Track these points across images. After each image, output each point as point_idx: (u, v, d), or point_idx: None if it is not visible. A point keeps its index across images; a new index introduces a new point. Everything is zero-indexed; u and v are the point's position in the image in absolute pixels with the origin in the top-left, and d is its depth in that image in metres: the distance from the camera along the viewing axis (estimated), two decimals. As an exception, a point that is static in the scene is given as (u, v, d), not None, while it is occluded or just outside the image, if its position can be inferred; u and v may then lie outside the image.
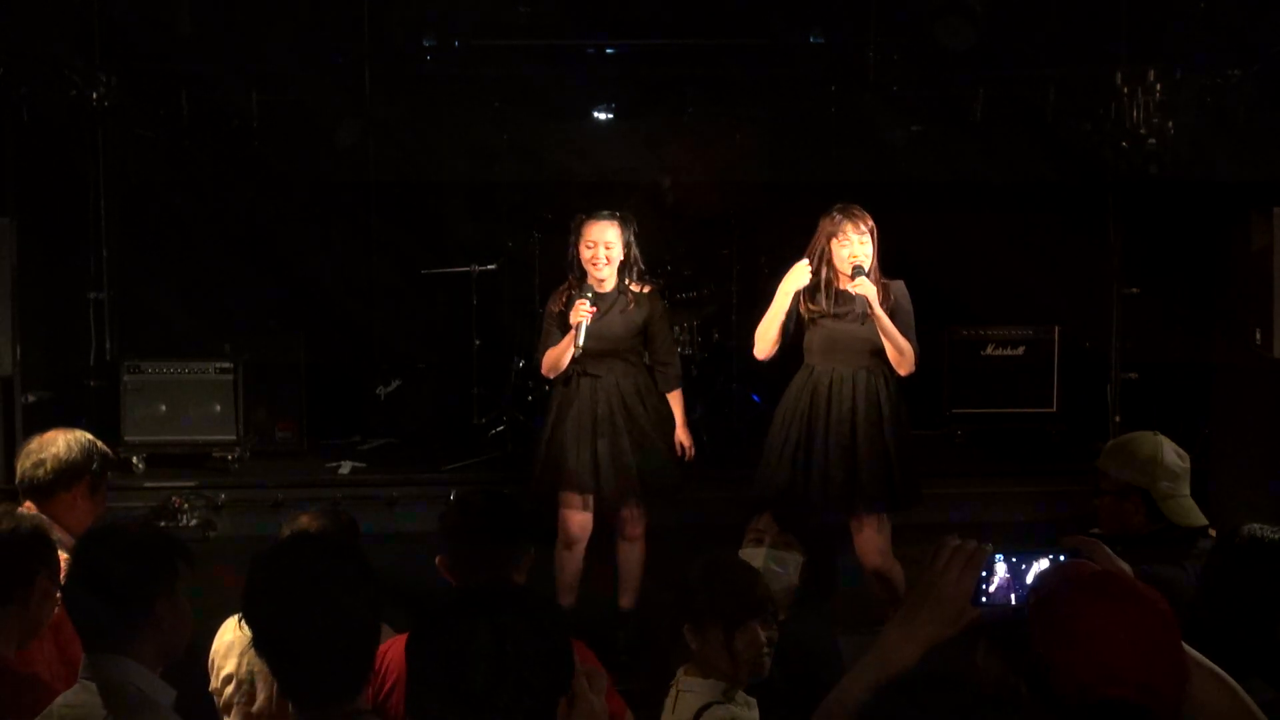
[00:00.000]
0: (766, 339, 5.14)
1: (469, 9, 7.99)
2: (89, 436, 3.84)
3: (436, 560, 3.39)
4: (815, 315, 5.10)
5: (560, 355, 5.22)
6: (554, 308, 5.36)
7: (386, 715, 3.22)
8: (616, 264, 5.27)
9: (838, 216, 5.07)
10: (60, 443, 3.76)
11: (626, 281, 5.32)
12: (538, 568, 3.52)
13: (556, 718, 1.92)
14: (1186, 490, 3.65)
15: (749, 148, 8.83)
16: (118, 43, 7.42)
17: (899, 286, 5.15)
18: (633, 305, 5.30)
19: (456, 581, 3.33)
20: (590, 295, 5.16)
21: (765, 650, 3.13)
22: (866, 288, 4.95)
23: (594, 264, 5.23)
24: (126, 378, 7.24)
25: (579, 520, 5.31)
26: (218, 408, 7.27)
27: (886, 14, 7.90)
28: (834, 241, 5.05)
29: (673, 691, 3.07)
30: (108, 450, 3.91)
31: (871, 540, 5.12)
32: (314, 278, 8.20)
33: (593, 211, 5.34)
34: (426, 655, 1.92)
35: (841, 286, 5.07)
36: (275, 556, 2.43)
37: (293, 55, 7.74)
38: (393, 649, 3.26)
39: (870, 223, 5.08)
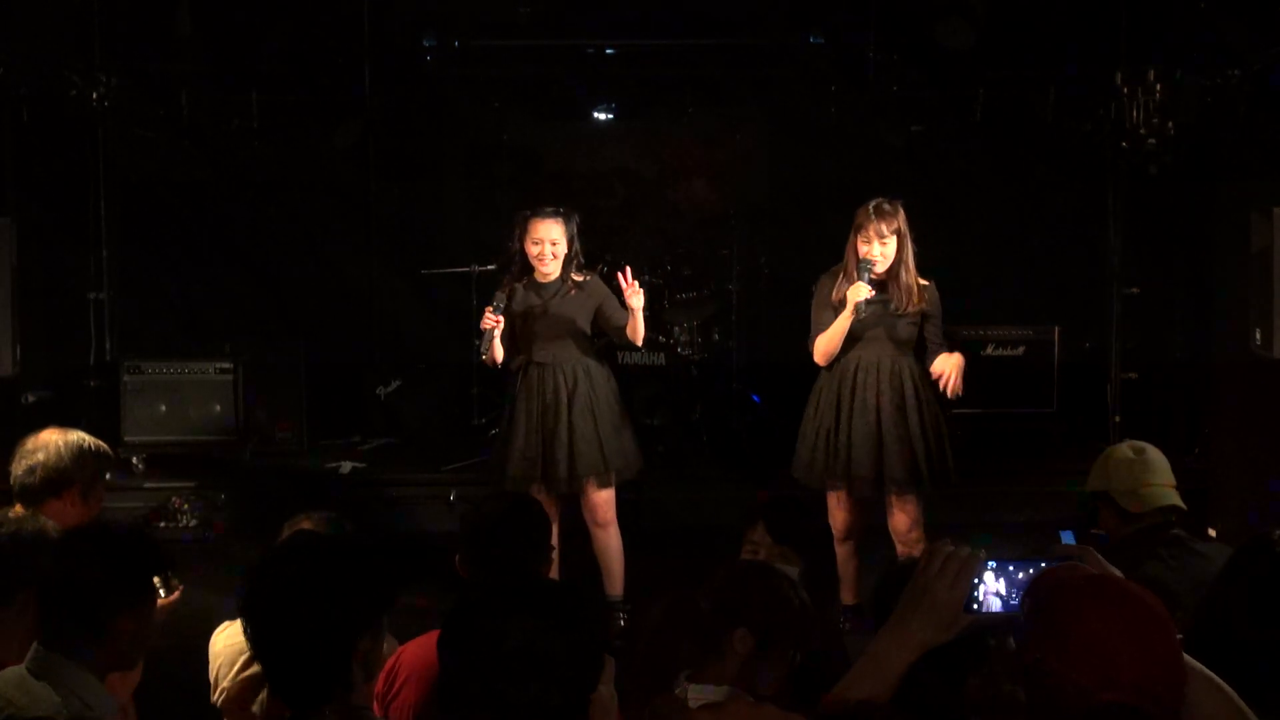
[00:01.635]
0: (829, 351, 5.20)
1: (469, 9, 7.99)
2: (84, 439, 3.76)
3: (455, 559, 3.42)
4: (840, 305, 5.15)
5: (491, 356, 5.38)
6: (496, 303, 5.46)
7: (392, 714, 3.24)
8: (561, 258, 5.38)
9: (868, 211, 5.15)
10: (52, 447, 3.68)
11: (569, 273, 5.43)
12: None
13: (589, 714, 1.92)
14: (1155, 478, 3.67)
15: (749, 148, 8.82)
16: (118, 43, 7.42)
17: (931, 287, 5.26)
18: (574, 291, 5.41)
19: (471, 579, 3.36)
20: (497, 305, 5.31)
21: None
22: (858, 292, 5.01)
23: (540, 260, 5.36)
24: (126, 378, 7.23)
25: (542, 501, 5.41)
26: (218, 408, 7.26)
27: (886, 14, 7.90)
28: (859, 235, 5.12)
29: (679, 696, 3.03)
30: (105, 451, 3.83)
31: (900, 521, 5.24)
32: (314, 278, 8.20)
33: (535, 208, 5.44)
34: (458, 652, 1.91)
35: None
36: (271, 558, 2.43)
37: (293, 55, 7.74)
38: (407, 651, 3.27)
39: (898, 224, 5.13)
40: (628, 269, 5.27)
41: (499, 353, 5.40)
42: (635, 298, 5.18)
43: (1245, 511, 5.77)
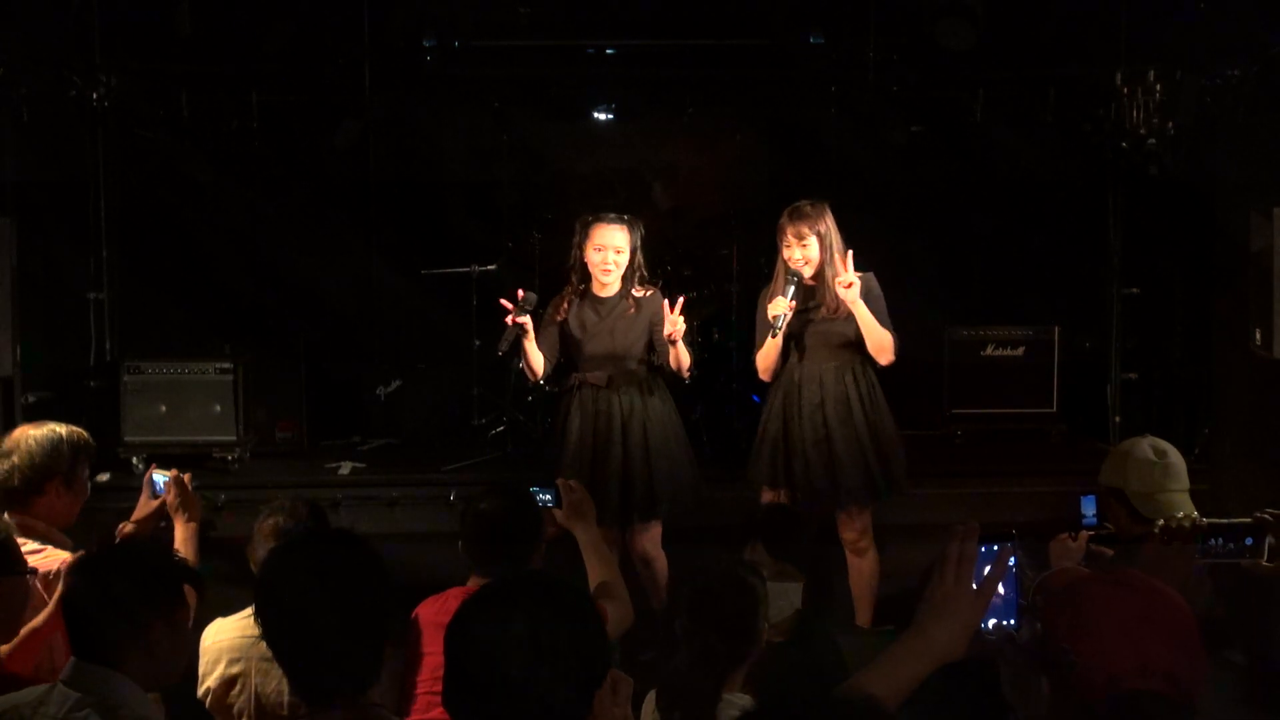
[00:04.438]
0: (766, 368, 5.18)
1: (469, 9, 7.98)
2: (56, 430, 3.74)
3: (460, 545, 3.57)
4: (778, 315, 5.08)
5: (529, 364, 5.15)
6: (552, 314, 5.29)
7: (425, 671, 3.35)
8: (623, 269, 5.17)
9: (784, 218, 5.07)
10: (24, 446, 3.66)
11: (629, 286, 5.23)
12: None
13: (594, 708, 1.93)
14: (1175, 485, 3.60)
15: (749, 147, 8.82)
16: (118, 43, 7.41)
17: (869, 278, 5.10)
18: (634, 310, 5.21)
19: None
20: (524, 305, 5.02)
21: None
22: (776, 306, 4.94)
23: (604, 269, 5.12)
24: (126, 378, 7.23)
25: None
26: (218, 408, 7.26)
27: (886, 14, 7.90)
28: (782, 241, 5.06)
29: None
30: (81, 437, 3.79)
31: (849, 530, 5.19)
32: (314, 278, 8.19)
33: (599, 213, 5.23)
34: (464, 644, 1.92)
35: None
36: (287, 554, 2.44)
37: (293, 55, 7.74)
38: (424, 611, 3.53)
39: (818, 225, 5.02)
40: (681, 300, 5.01)
41: (536, 363, 5.11)
42: (673, 330, 4.94)
43: (1244, 513, 5.77)
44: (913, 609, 1.99)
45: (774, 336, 4.96)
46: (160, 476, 3.93)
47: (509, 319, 5.03)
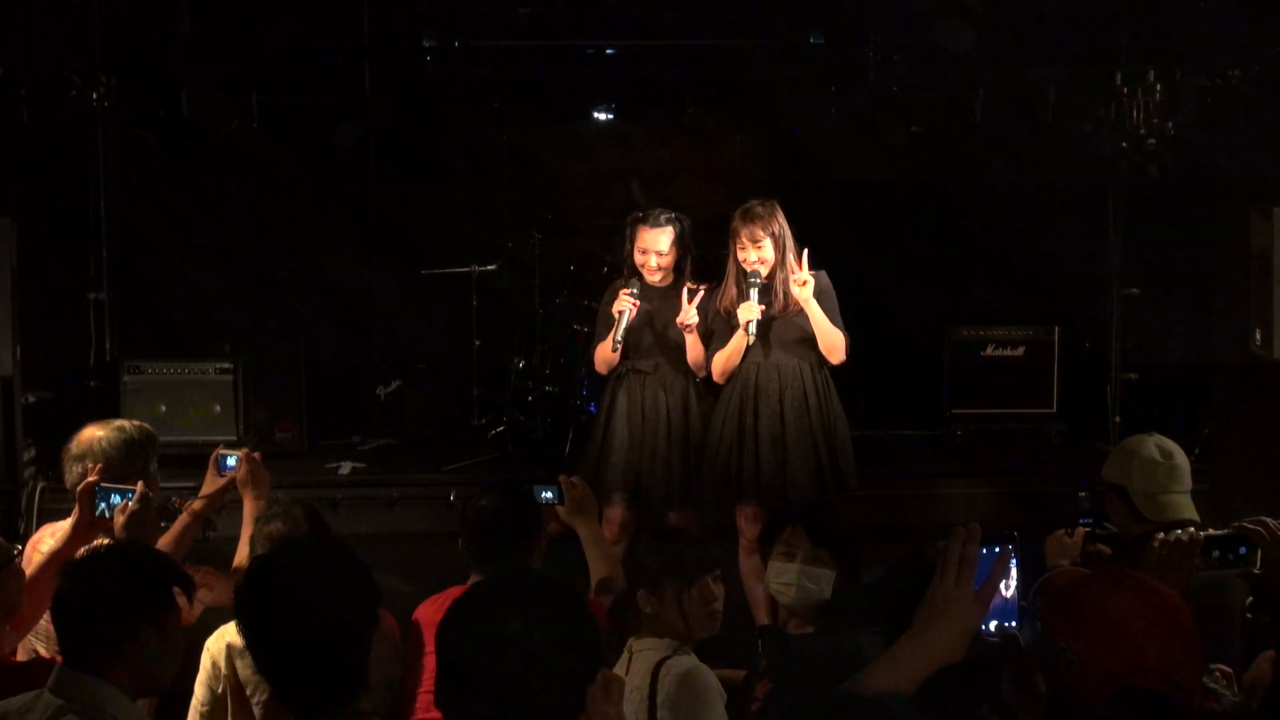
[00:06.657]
0: (728, 370, 5.18)
1: (469, 9, 7.98)
2: (124, 428, 3.76)
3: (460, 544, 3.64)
4: (730, 311, 5.12)
5: (605, 350, 5.23)
6: (609, 305, 5.35)
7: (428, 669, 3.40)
8: (669, 269, 5.28)
9: (736, 220, 5.09)
10: (98, 449, 3.65)
11: (683, 281, 5.31)
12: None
13: (587, 707, 1.93)
14: (1178, 486, 3.59)
15: (749, 147, 8.81)
16: (118, 43, 7.41)
17: (820, 276, 5.13)
18: (688, 302, 5.30)
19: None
20: (637, 288, 5.18)
21: (717, 605, 3.27)
22: (749, 311, 4.96)
23: (646, 270, 5.27)
24: (126, 378, 7.22)
25: (618, 517, 5.32)
26: (218, 408, 7.25)
27: (886, 14, 7.90)
28: (735, 243, 5.07)
29: (624, 656, 3.18)
30: (147, 431, 3.83)
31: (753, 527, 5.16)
32: (314, 278, 8.19)
33: (647, 213, 5.35)
34: (457, 644, 1.92)
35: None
36: (266, 564, 2.43)
37: (293, 55, 7.73)
38: (423, 611, 3.65)
39: (772, 226, 5.05)
40: (701, 291, 5.12)
41: (618, 350, 5.23)
42: (683, 319, 5.07)
43: (1245, 513, 5.76)
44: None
45: (749, 340, 5.01)
46: (229, 454, 3.94)
47: (620, 305, 5.14)
